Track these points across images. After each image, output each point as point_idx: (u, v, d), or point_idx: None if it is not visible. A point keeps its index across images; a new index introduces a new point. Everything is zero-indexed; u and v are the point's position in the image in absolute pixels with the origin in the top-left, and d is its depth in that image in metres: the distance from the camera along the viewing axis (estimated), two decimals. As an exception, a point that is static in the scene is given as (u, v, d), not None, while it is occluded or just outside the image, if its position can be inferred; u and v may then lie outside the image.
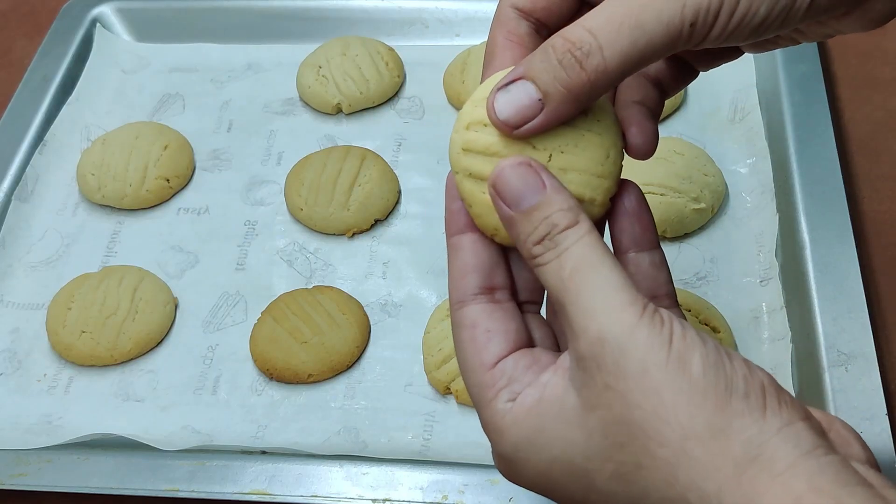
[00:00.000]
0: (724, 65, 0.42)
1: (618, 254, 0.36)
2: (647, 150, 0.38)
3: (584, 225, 0.32)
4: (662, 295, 0.37)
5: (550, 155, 0.34)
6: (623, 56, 0.32)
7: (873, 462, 0.31)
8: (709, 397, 0.29)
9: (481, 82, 0.37)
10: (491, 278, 0.35)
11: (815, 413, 0.31)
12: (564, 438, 0.32)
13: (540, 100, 0.33)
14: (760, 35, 0.34)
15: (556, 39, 0.33)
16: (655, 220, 0.63)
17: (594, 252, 0.32)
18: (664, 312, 0.31)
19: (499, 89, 0.33)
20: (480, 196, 0.34)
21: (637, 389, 0.29)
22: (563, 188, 0.33)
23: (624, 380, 0.30)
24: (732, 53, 0.41)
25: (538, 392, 0.33)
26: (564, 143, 0.34)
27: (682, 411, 0.29)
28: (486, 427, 0.34)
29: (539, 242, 0.32)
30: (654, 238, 0.37)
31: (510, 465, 0.34)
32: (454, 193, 0.36)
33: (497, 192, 0.33)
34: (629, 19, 0.32)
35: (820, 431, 0.29)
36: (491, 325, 0.35)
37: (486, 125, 0.34)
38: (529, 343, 0.35)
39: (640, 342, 0.30)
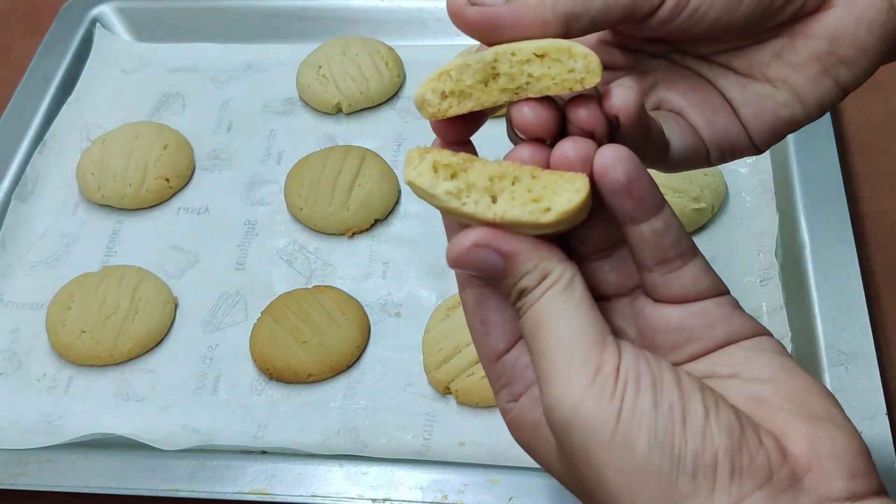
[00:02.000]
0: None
1: (618, 225, 0.34)
2: (628, 113, 0.34)
3: (551, 278, 0.31)
4: (671, 258, 0.33)
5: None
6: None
7: (864, 490, 0.29)
8: (652, 479, 0.28)
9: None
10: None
11: (801, 446, 0.29)
12: (549, 461, 0.33)
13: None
14: (702, 36, 0.34)
15: None
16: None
17: (551, 309, 0.31)
18: (623, 371, 0.29)
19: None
20: (459, 214, 0.32)
21: (584, 465, 0.29)
22: (523, 249, 0.31)
23: (573, 452, 0.29)
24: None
25: (531, 412, 0.33)
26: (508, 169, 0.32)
27: (625, 493, 0.28)
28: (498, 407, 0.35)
29: (516, 302, 0.32)
30: (651, 206, 0.33)
31: (518, 444, 0.35)
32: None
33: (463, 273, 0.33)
34: None
35: (781, 491, 0.28)
36: (486, 316, 0.34)
37: (415, 167, 0.33)
38: None
39: (585, 418, 0.29)
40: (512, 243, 0.31)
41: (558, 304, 0.31)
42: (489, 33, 0.32)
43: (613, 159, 0.31)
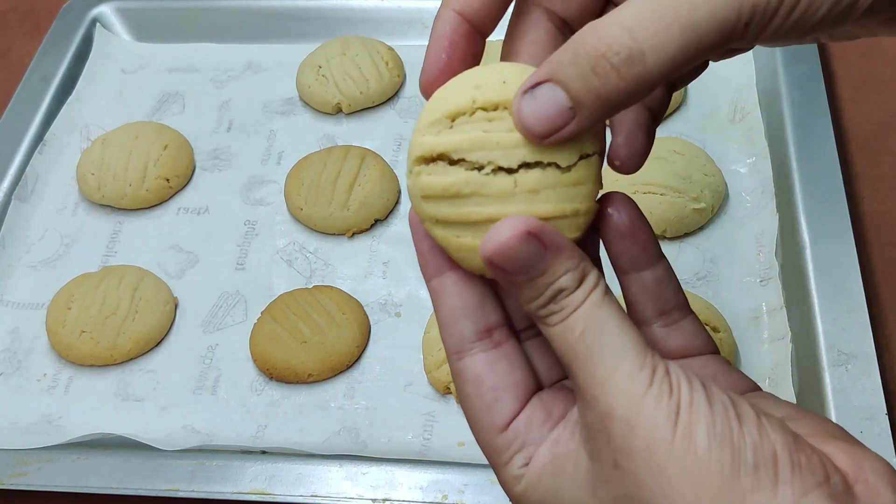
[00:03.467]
0: (724, 65, 0.41)
1: (619, 274, 0.34)
2: (630, 166, 0.35)
3: (591, 280, 0.30)
4: (671, 309, 0.34)
5: (515, 180, 0.30)
6: (670, 62, 0.27)
7: None
8: (715, 475, 0.27)
9: (424, 87, 0.33)
10: (485, 319, 0.32)
11: (844, 460, 0.29)
12: (578, 501, 0.30)
13: (571, 108, 0.29)
14: (810, 35, 0.30)
15: (588, 38, 0.28)
16: (656, 220, 0.64)
17: (601, 312, 0.29)
18: (674, 373, 0.29)
19: (524, 92, 0.29)
20: (457, 241, 0.31)
21: (644, 469, 0.28)
22: (566, 243, 0.30)
23: (632, 458, 0.28)
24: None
25: (549, 451, 0.31)
26: (529, 152, 0.30)
27: (687, 492, 0.27)
28: (503, 486, 0.33)
29: (544, 306, 0.30)
30: (654, 253, 0.34)
31: None
32: (422, 232, 0.32)
33: (495, 268, 0.30)
34: (679, 18, 0.27)
35: (838, 494, 0.27)
36: (496, 381, 0.32)
37: (436, 159, 0.31)
38: (537, 385, 0.33)
39: (646, 418, 0.28)
40: (558, 236, 0.30)
41: (606, 308, 0.29)
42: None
43: (616, 201, 0.32)
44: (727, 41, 0.28)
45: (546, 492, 0.31)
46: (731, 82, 0.74)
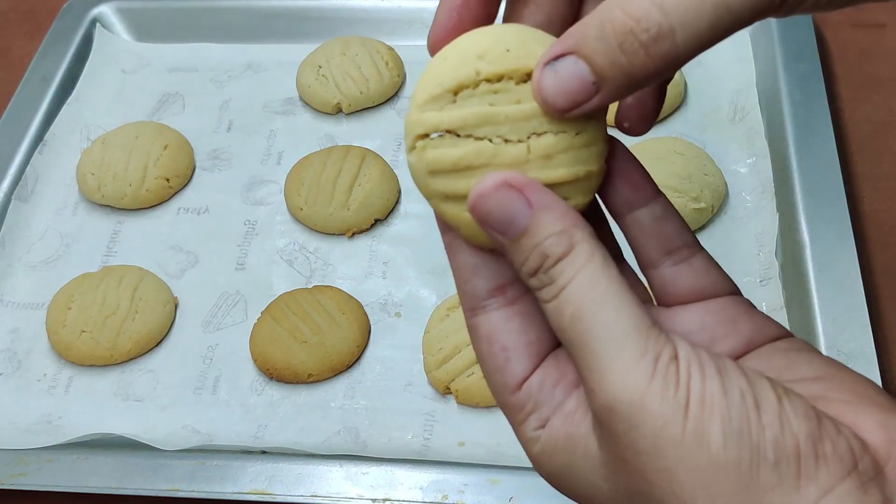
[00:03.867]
0: (724, 65, 0.41)
1: (617, 220, 0.32)
2: (639, 128, 0.33)
3: (583, 250, 0.28)
4: (678, 247, 0.32)
5: (528, 146, 0.29)
6: (699, 39, 0.26)
7: None
8: (731, 474, 0.25)
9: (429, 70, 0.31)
10: (498, 275, 0.31)
11: (876, 434, 0.27)
12: (592, 483, 0.29)
13: (594, 83, 0.27)
14: (851, 3, 0.28)
15: (615, 12, 0.26)
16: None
17: (595, 288, 0.27)
18: (683, 358, 0.26)
19: (545, 64, 0.28)
20: (466, 217, 0.30)
21: (652, 469, 0.26)
22: (556, 201, 0.28)
23: (639, 456, 0.26)
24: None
25: (563, 425, 0.30)
26: (538, 123, 0.29)
27: (700, 493, 0.25)
28: (522, 446, 0.32)
29: (534, 275, 0.28)
30: (648, 191, 0.32)
31: (549, 481, 0.31)
32: None
33: (479, 222, 0.29)
34: None
35: (868, 480, 0.25)
36: (508, 340, 0.31)
37: (442, 134, 0.29)
38: (553, 342, 0.31)
39: (651, 414, 0.26)
40: (545, 194, 0.28)
41: (601, 286, 0.27)
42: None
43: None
44: (761, 16, 0.26)
45: (561, 465, 0.30)
46: (732, 82, 0.74)
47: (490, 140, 0.29)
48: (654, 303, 0.33)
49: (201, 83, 0.80)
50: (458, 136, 0.29)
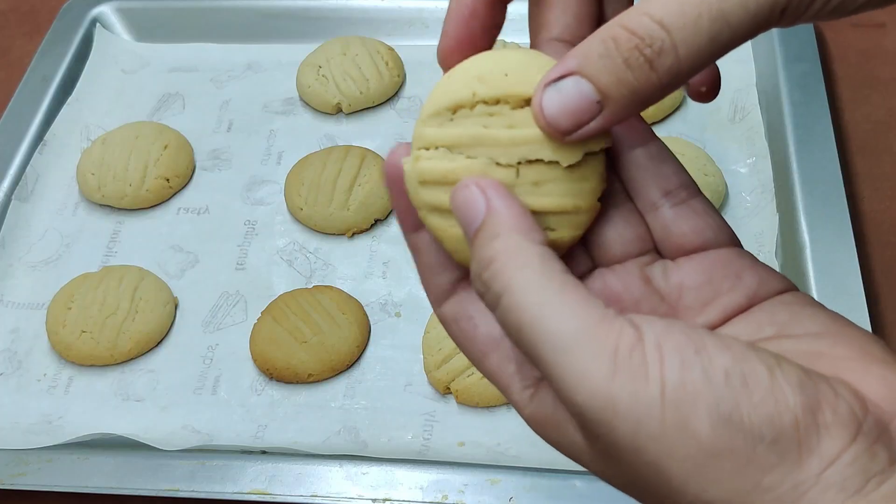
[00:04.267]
0: (724, 65, 0.40)
1: (613, 160, 0.32)
2: (713, 92, 0.34)
3: (516, 255, 0.27)
4: (676, 187, 0.31)
5: (518, 170, 0.29)
6: (700, 55, 0.26)
7: None
8: (726, 460, 0.24)
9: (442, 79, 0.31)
10: (461, 270, 0.31)
11: (880, 391, 0.26)
12: (589, 465, 0.28)
13: (598, 102, 0.27)
14: (853, 13, 0.28)
15: (618, 30, 0.26)
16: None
17: (531, 295, 0.26)
18: (650, 340, 0.25)
19: (547, 84, 0.28)
20: (451, 231, 0.30)
21: (638, 462, 0.25)
22: (513, 204, 0.28)
23: (622, 453, 0.25)
24: None
25: (552, 406, 0.29)
26: (529, 150, 0.29)
27: (693, 483, 0.24)
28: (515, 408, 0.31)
29: (479, 277, 0.27)
30: (642, 132, 0.31)
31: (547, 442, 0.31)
32: (400, 188, 0.31)
33: (457, 219, 0.29)
34: (709, 9, 0.25)
35: (873, 441, 0.24)
36: (474, 311, 0.31)
37: (438, 147, 0.30)
38: None
39: (623, 415, 0.24)
40: (503, 199, 0.28)
41: (536, 292, 0.26)
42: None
43: None
44: (761, 29, 0.26)
45: (554, 442, 0.29)
46: (732, 82, 0.74)
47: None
48: (658, 251, 0.32)
49: (201, 83, 0.80)
50: (453, 152, 0.30)
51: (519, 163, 0.29)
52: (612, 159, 0.32)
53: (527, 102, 0.30)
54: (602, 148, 0.30)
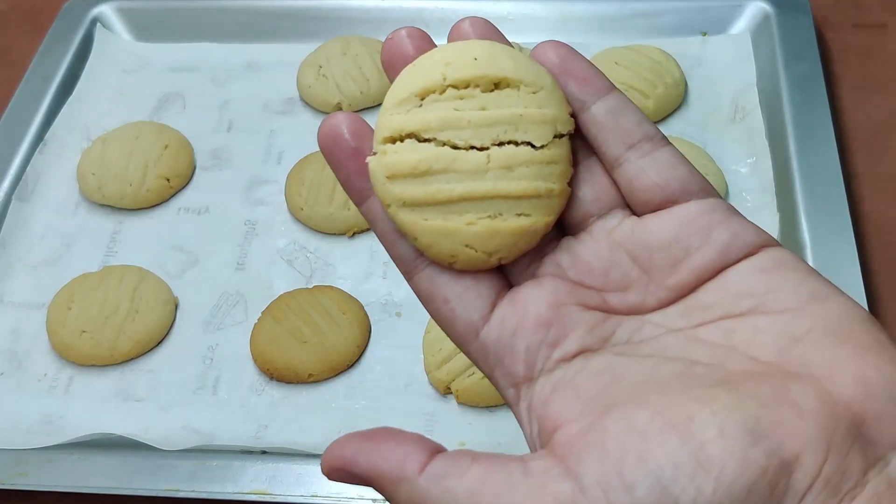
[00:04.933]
0: (724, 65, 0.40)
1: (576, 119, 0.31)
2: None
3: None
4: (639, 140, 0.30)
5: (489, 155, 0.29)
6: None
7: None
8: None
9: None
10: None
11: (850, 388, 0.25)
12: None
13: None
14: None
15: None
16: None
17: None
18: (590, 488, 0.24)
19: None
20: (424, 224, 0.30)
21: None
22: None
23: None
24: None
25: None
26: (502, 131, 0.29)
27: None
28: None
29: None
30: (599, 86, 0.31)
31: None
32: (348, 152, 0.30)
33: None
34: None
35: (846, 455, 0.24)
36: (448, 292, 0.30)
37: (405, 137, 0.30)
38: (499, 284, 0.30)
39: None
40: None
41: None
42: None
43: (543, 46, 0.31)
44: None
45: None
46: (732, 82, 0.73)
47: (452, 146, 0.29)
48: (627, 208, 0.31)
49: (201, 83, 0.80)
50: (420, 141, 0.30)
51: (490, 145, 0.29)
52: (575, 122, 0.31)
53: (496, 85, 0.30)
54: (568, 131, 0.30)
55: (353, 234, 0.68)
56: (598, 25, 0.79)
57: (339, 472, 0.28)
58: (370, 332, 0.63)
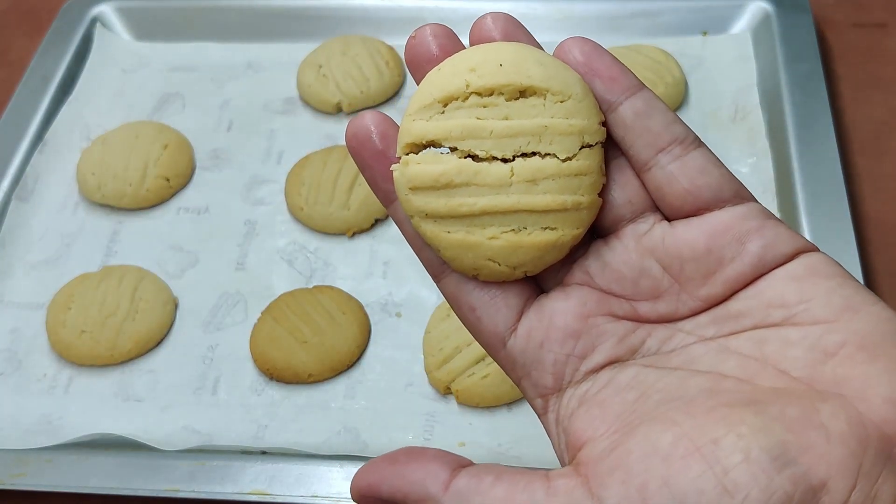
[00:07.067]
0: (725, 65, 0.40)
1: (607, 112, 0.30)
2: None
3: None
4: (667, 144, 0.29)
5: (512, 168, 0.28)
6: None
7: None
8: None
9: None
10: None
11: (880, 409, 0.24)
12: None
13: None
14: None
15: None
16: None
17: None
18: None
19: None
20: (447, 237, 0.29)
21: None
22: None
23: None
24: None
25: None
26: (525, 142, 0.28)
27: None
28: None
29: None
30: (626, 85, 0.29)
31: None
32: (368, 157, 0.30)
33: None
34: None
35: (875, 480, 0.23)
36: (474, 300, 0.30)
37: (426, 146, 0.29)
38: (526, 292, 0.30)
39: None
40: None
41: None
42: None
43: (567, 43, 0.30)
44: None
45: None
46: (733, 82, 0.73)
47: (474, 157, 0.29)
48: (659, 213, 0.30)
49: (201, 83, 0.80)
50: (443, 152, 0.29)
51: (514, 157, 0.29)
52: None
53: (521, 93, 0.29)
54: (598, 141, 0.29)
55: (353, 234, 0.68)
56: (599, 25, 0.79)
57: (367, 500, 0.28)
58: (370, 332, 0.63)
